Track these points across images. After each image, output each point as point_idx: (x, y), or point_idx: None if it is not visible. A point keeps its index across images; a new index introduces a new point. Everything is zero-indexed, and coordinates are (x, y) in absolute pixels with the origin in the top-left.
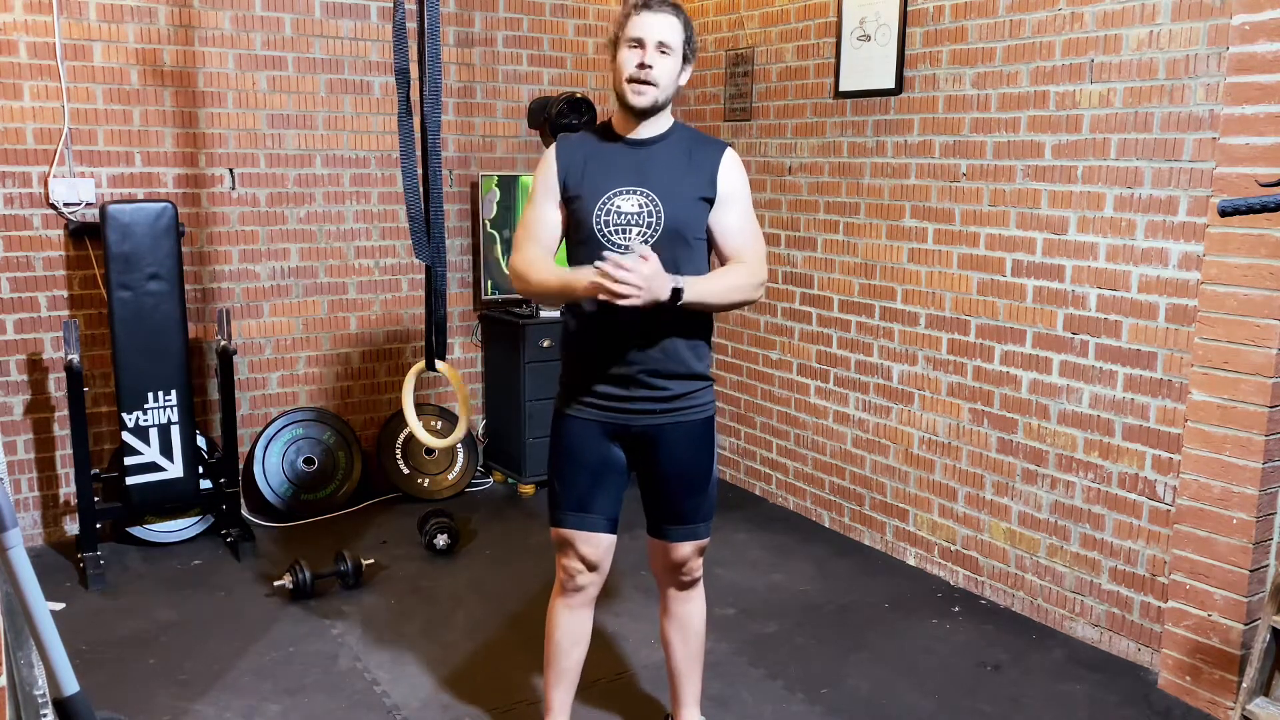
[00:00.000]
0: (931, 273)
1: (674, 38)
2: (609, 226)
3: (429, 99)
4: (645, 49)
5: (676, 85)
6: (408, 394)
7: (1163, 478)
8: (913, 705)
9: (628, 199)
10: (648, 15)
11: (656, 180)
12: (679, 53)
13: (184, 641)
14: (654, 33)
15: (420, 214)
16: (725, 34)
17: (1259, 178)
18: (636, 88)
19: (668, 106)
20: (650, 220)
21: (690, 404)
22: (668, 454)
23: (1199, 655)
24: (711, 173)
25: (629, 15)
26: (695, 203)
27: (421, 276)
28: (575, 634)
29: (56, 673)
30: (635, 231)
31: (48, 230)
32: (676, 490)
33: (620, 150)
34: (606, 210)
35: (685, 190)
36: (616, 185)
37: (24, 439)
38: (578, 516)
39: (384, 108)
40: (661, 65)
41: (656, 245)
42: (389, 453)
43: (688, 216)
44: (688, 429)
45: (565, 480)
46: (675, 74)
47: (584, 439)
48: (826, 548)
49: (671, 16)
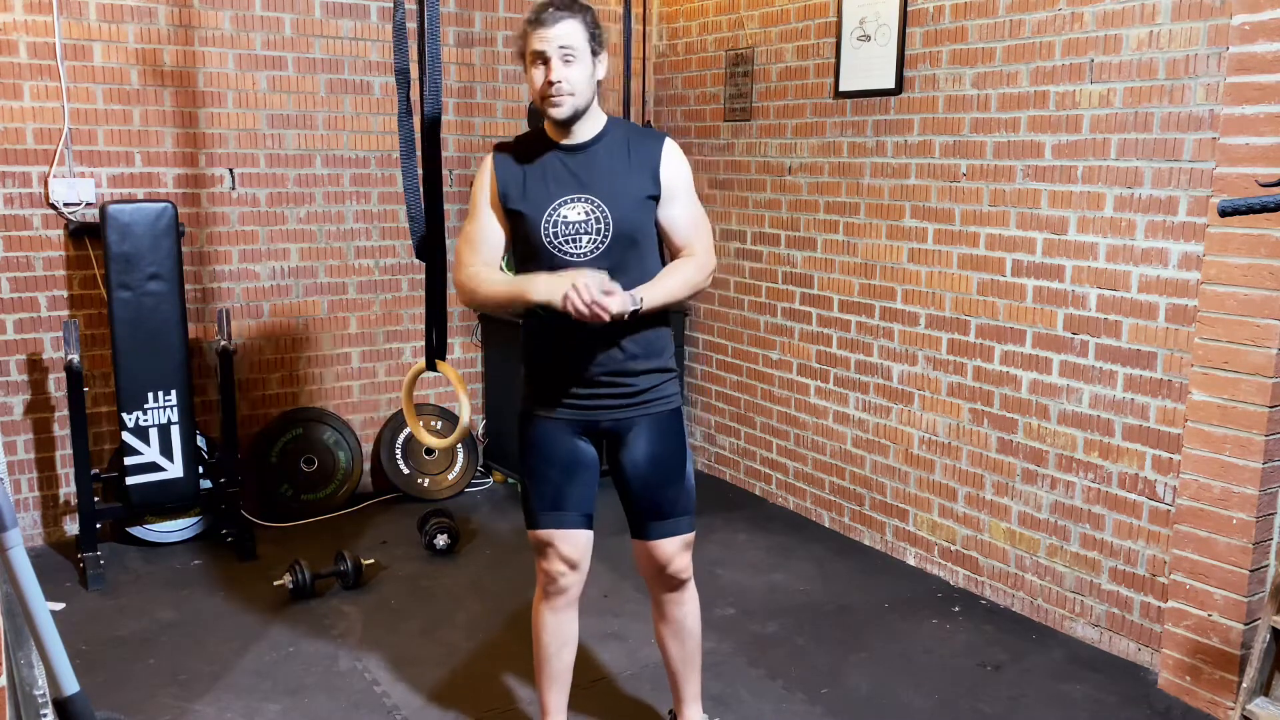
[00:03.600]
0: (931, 273)
1: (575, 40)
2: (558, 238)
3: (429, 99)
4: (549, 63)
5: (593, 83)
6: (408, 394)
7: (1163, 478)
8: (913, 705)
9: (573, 208)
10: (542, 30)
11: (599, 186)
12: (586, 51)
13: (184, 641)
14: (553, 43)
15: (420, 214)
16: (725, 34)
17: (1259, 178)
18: (552, 101)
19: (592, 105)
20: (599, 227)
21: (655, 397)
22: (638, 446)
23: (1199, 655)
24: (654, 168)
25: (525, 32)
26: (641, 203)
27: (421, 276)
28: (562, 636)
29: (56, 673)
30: (585, 240)
31: (48, 230)
32: (650, 482)
33: (558, 158)
34: (553, 222)
35: (630, 191)
36: (560, 195)
37: (24, 439)
38: (553, 515)
39: (384, 108)
40: (570, 72)
41: (607, 250)
42: (389, 453)
43: (635, 218)
44: (656, 421)
45: (537, 479)
46: (588, 74)
47: (552, 436)
48: (826, 548)
49: (567, 20)
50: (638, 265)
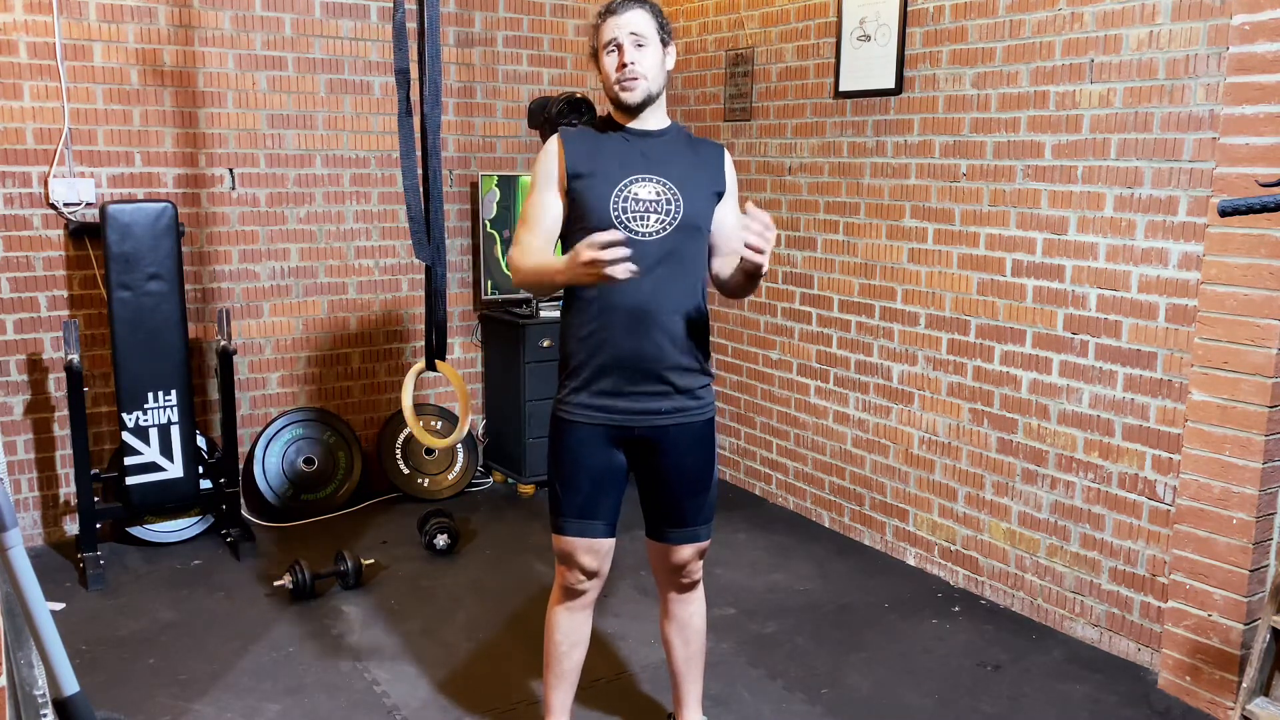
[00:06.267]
0: (931, 273)
1: (646, 27)
2: (627, 213)
3: (429, 99)
4: (622, 48)
5: (664, 71)
6: (407, 394)
7: (1163, 478)
8: (912, 705)
9: (645, 186)
10: (614, 19)
11: (671, 170)
12: (655, 39)
13: (184, 641)
14: (625, 30)
15: (420, 214)
16: (725, 34)
17: (1259, 178)
18: (626, 84)
19: (662, 97)
20: (670, 208)
21: (693, 402)
22: (671, 457)
23: (1199, 655)
24: (718, 169)
25: (598, 25)
26: (709, 196)
27: (421, 276)
28: (575, 636)
29: (56, 673)
30: (654, 219)
31: (48, 230)
32: (678, 493)
33: (627, 140)
34: (624, 197)
35: (699, 182)
36: (632, 173)
37: (24, 439)
38: (581, 524)
39: (384, 108)
40: (642, 56)
41: (673, 233)
42: (389, 453)
43: (702, 207)
44: (690, 430)
45: (568, 486)
46: (659, 61)
47: (588, 445)
48: (826, 548)
49: (636, 9)
50: (695, 256)
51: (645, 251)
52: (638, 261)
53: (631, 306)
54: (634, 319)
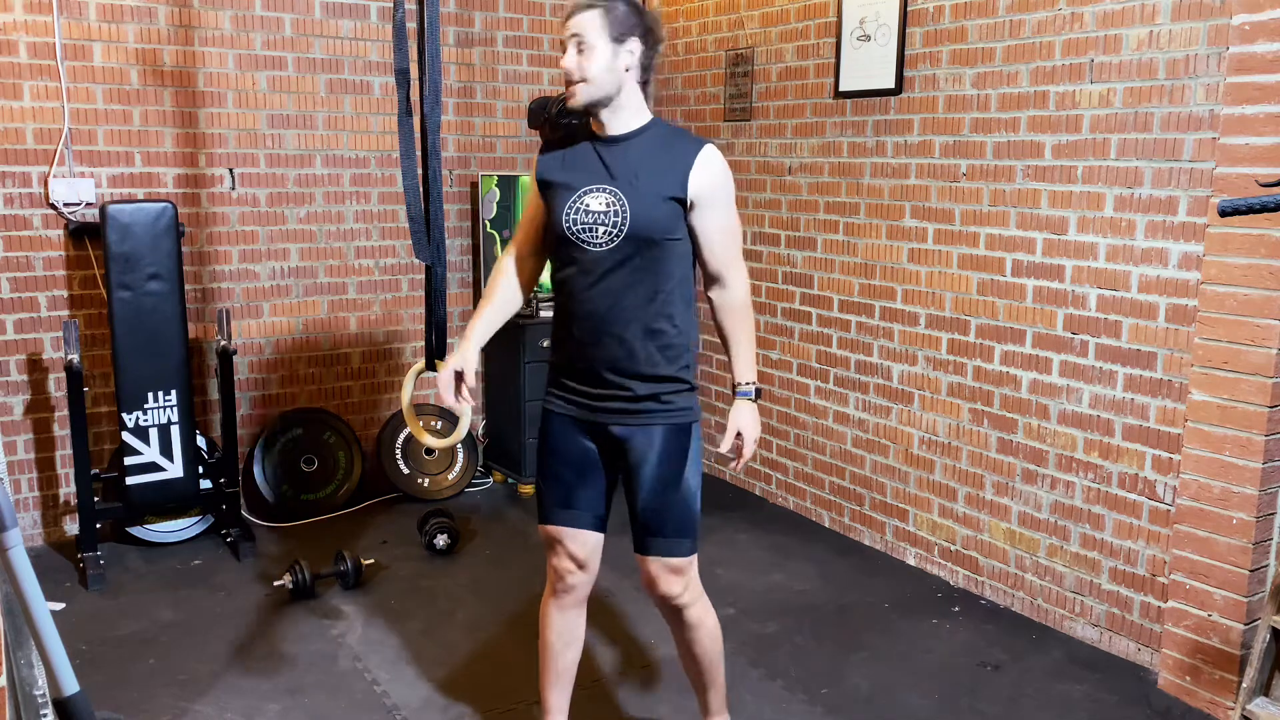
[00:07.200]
0: (931, 273)
1: (589, 27)
2: (577, 225)
3: (429, 99)
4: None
5: (613, 72)
6: (407, 394)
7: (1163, 478)
8: (913, 705)
9: (596, 197)
10: (566, 22)
11: (624, 178)
12: (604, 39)
13: (184, 641)
14: (568, 32)
15: (420, 214)
16: (725, 34)
17: (1259, 178)
18: (569, 90)
19: (630, 94)
20: (615, 220)
21: (659, 408)
22: (635, 457)
23: (1199, 655)
24: (683, 172)
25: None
26: (663, 202)
27: (421, 276)
28: (568, 635)
29: (56, 673)
30: (601, 231)
31: (48, 230)
32: (641, 495)
33: (592, 149)
34: (576, 209)
35: (652, 189)
36: (587, 183)
37: (24, 439)
38: (564, 513)
39: (384, 108)
40: (581, 61)
41: (621, 246)
42: (389, 453)
43: (653, 216)
44: (655, 434)
45: (550, 476)
46: (604, 63)
47: (565, 434)
48: (826, 548)
49: (583, 11)
50: (656, 269)
51: (597, 261)
52: (590, 271)
53: (586, 314)
54: (589, 327)
